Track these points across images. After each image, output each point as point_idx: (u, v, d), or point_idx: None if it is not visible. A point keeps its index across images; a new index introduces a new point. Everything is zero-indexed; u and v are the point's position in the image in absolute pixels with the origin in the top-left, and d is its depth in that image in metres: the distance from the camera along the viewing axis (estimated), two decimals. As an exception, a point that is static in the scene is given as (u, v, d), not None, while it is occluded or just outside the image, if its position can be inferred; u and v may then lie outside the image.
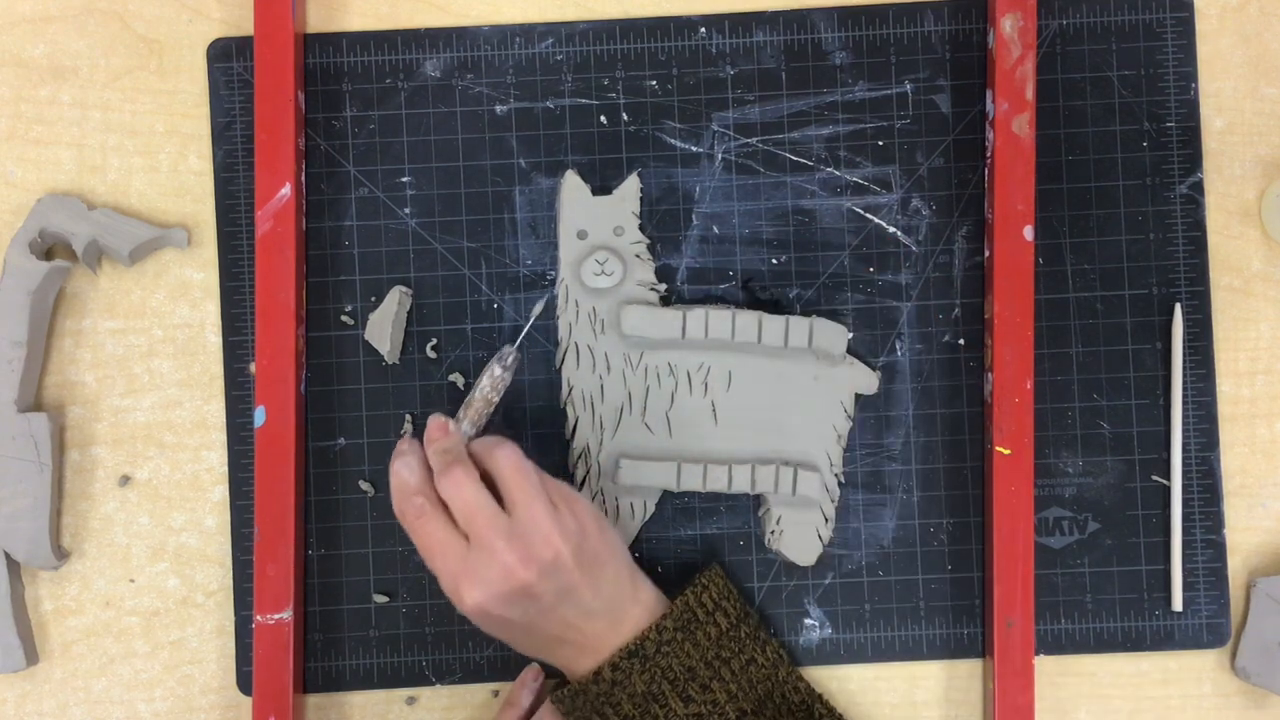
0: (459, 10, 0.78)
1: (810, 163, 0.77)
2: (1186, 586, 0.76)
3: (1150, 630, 0.76)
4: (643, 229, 0.76)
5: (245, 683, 0.75)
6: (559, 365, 0.76)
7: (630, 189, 0.76)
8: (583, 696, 0.68)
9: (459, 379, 0.76)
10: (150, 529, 0.76)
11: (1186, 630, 0.76)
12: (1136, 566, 0.76)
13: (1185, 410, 0.76)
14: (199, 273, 0.77)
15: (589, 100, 0.77)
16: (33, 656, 0.75)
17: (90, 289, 0.77)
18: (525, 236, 0.77)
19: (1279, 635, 0.74)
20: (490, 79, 0.77)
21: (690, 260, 0.77)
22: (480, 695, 0.76)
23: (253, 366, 0.76)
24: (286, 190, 0.74)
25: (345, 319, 0.76)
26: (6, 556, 0.74)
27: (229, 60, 0.77)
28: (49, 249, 0.77)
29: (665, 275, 0.76)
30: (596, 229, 0.76)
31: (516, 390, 0.75)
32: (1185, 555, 0.76)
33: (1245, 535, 0.76)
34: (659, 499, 0.76)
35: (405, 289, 0.76)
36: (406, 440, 0.68)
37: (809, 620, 0.76)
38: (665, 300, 0.76)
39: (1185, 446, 0.76)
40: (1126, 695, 0.76)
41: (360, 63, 0.77)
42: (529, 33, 0.77)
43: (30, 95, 0.77)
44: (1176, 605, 0.75)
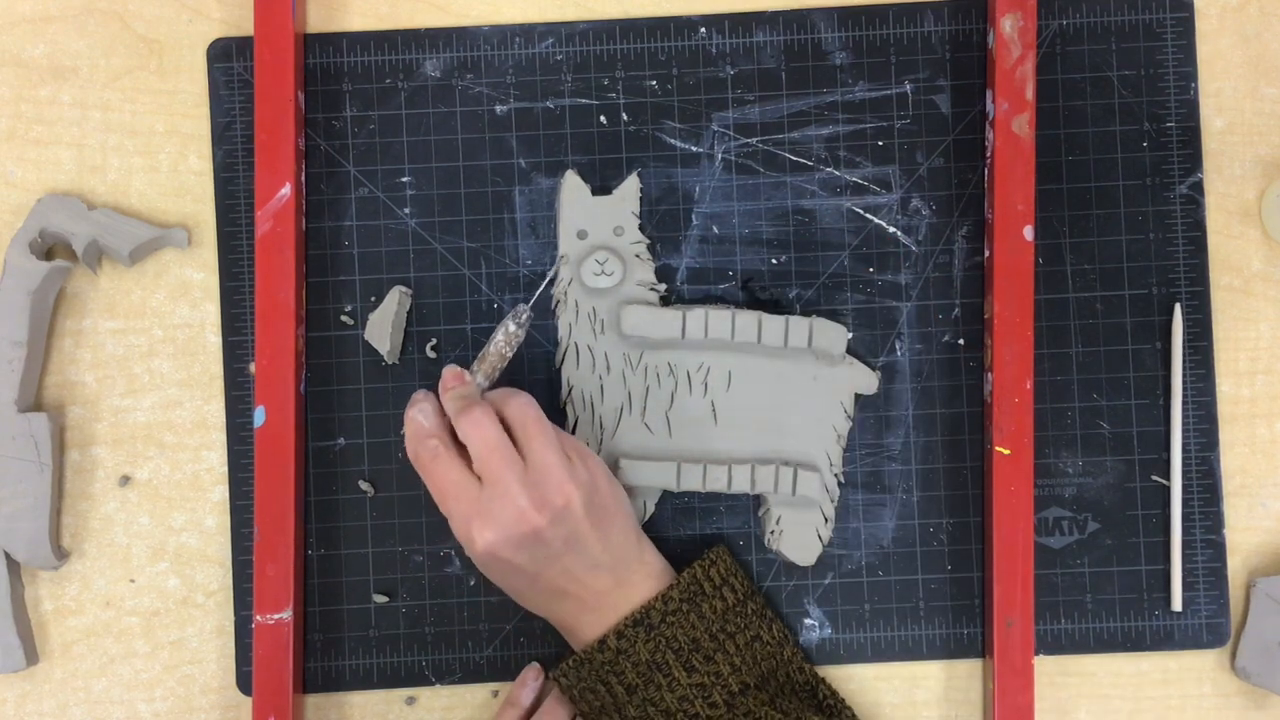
0: (459, 10, 0.78)
1: (810, 163, 0.77)
2: (1186, 586, 0.76)
3: (1150, 630, 0.76)
4: (643, 229, 0.76)
5: (245, 683, 0.75)
6: (559, 365, 0.76)
7: (630, 189, 0.76)
8: (587, 665, 0.69)
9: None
10: (150, 529, 0.76)
11: (1186, 630, 0.76)
12: (1136, 566, 0.76)
13: (1185, 410, 0.76)
14: (199, 273, 0.77)
15: (589, 100, 0.77)
16: (33, 656, 0.75)
17: (90, 289, 0.77)
18: (525, 236, 0.77)
19: (1279, 635, 0.74)
20: (490, 79, 0.77)
21: (690, 260, 0.77)
22: (480, 695, 0.76)
23: (253, 366, 0.76)
24: (286, 190, 0.74)
25: (345, 319, 0.76)
26: (6, 556, 0.74)
27: (229, 60, 0.77)
28: (49, 249, 0.77)
29: (665, 275, 0.76)
30: (596, 229, 0.76)
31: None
32: (1185, 555, 0.76)
33: (1245, 535, 0.76)
34: (659, 499, 0.76)
35: (405, 289, 0.76)
36: (421, 391, 0.69)
37: (809, 620, 0.76)
38: (665, 300, 0.76)
39: (1185, 446, 0.76)
40: (1126, 695, 0.76)
41: (360, 63, 0.77)
42: (529, 33, 0.77)
43: (30, 95, 0.77)
44: (1176, 605, 0.75)
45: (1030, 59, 0.74)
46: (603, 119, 0.77)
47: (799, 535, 0.75)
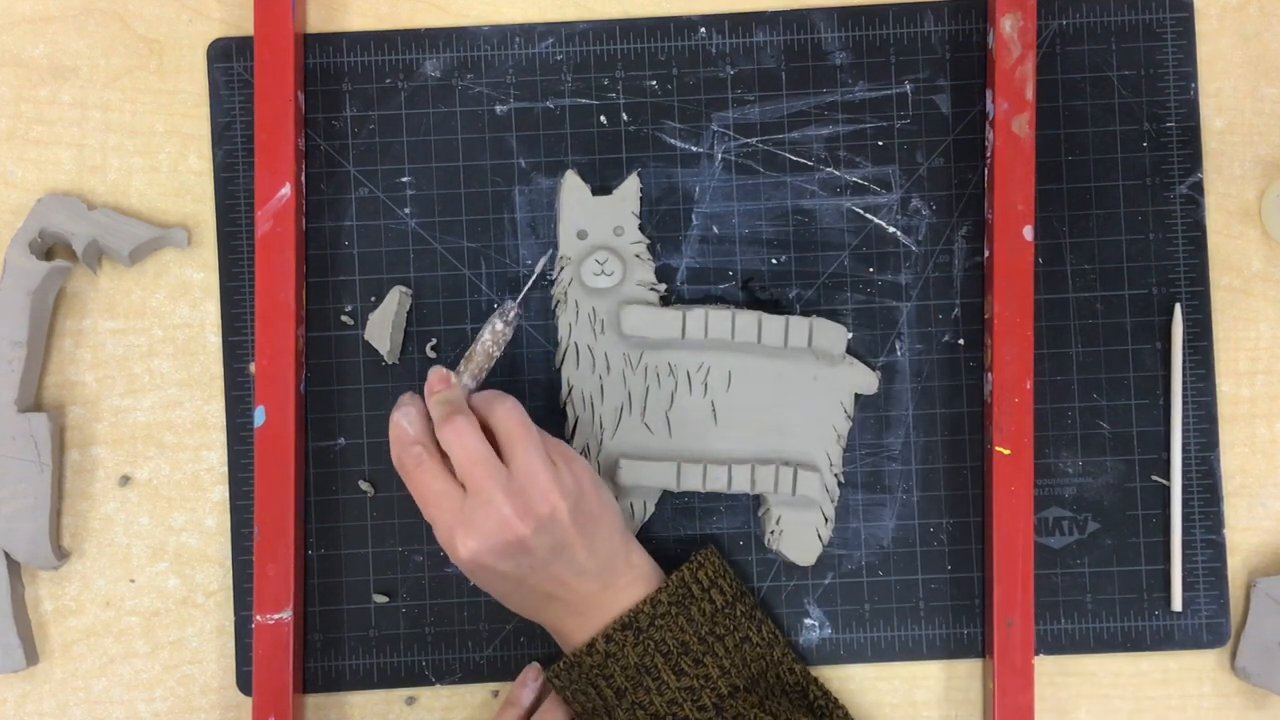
0: (459, 10, 0.78)
1: (810, 163, 0.77)
2: (1186, 586, 0.76)
3: (1150, 630, 0.76)
4: (643, 229, 0.76)
5: (245, 683, 0.75)
6: (559, 365, 0.76)
7: (630, 189, 0.76)
8: (577, 669, 0.69)
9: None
10: (150, 529, 0.76)
11: (1186, 630, 0.76)
12: (1136, 566, 0.76)
13: (1185, 410, 0.76)
14: (199, 273, 0.77)
15: (589, 100, 0.77)
16: (33, 656, 0.75)
17: (90, 289, 0.77)
18: (525, 236, 0.77)
19: (1279, 635, 0.74)
20: (490, 79, 0.77)
21: (690, 260, 0.77)
22: (480, 695, 0.76)
23: (253, 366, 0.76)
24: (286, 190, 0.74)
25: (345, 319, 0.76)
26: (6, 556, 0.74)
27: (229, 60, 0.77)
28: (49, 249, 0.77)
29: (665, 275, 0.76)
30: (596, 229, 0.76)
31: (516, 391, 0.75)
32: (1185, 555, 0.76)
33: (1245, 535, 0.76)
34: (659, 499, 0.76)
35: (405, 289, 0.76)
36: (408, 394, 0.68)
37: (809, 620, 0.76)
38: (665, 300, 0.76)
39: (1185, 446, 0.76)
40: (1126, 695, 0.76)
41: (360, 63, 0.77)
42: (529, 33, 0.77)
43: (30, 95, 0.77)
44: (1176, 605, 0.75)
45: (1030, 59, 0.74)
46: (603, 119, 0.77)
47: (799, 535, 0.75)
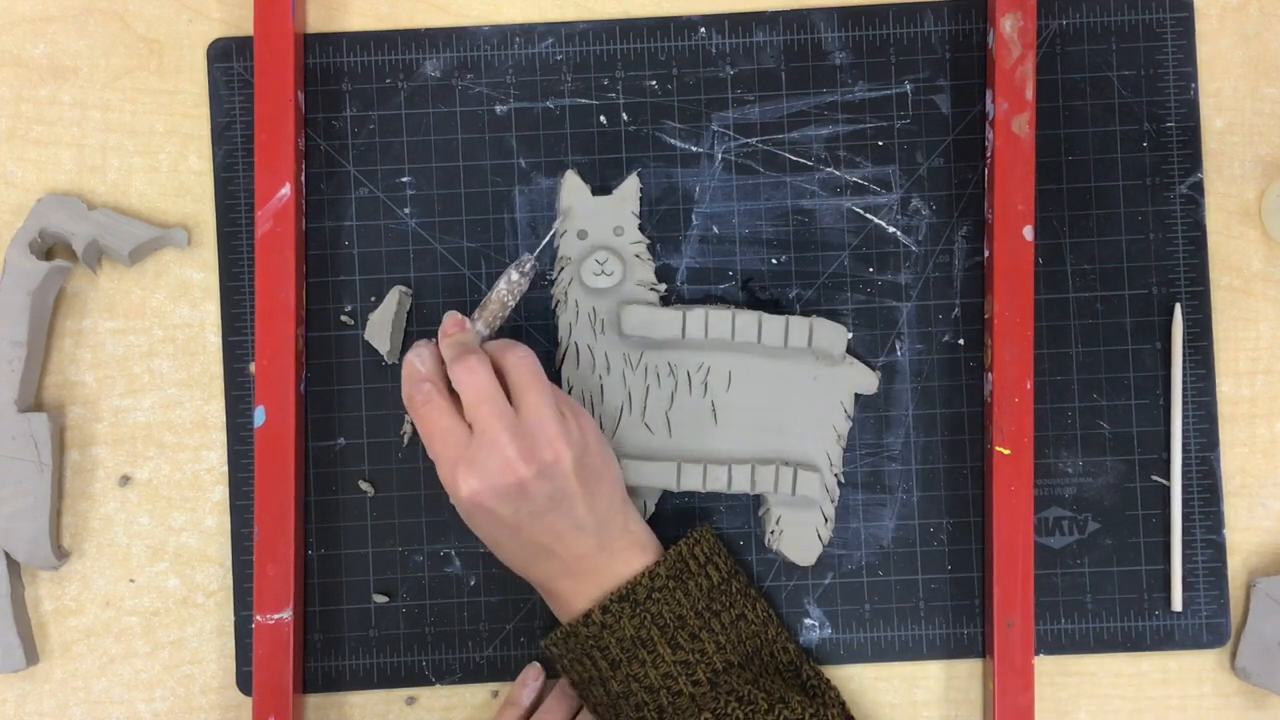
0: (459, 10, 0.78)
1: (810, 163, 0.77)
2: (1186, 586, 0.76)
3: (1150, 630, 0.76)
4: (643, 229, 0.76)
5: (245, 683, 0.75)
6: (559, 365, 0.76)
7: (630, 189, 0.76)
8: (573, 639, 0.69)
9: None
10: (150, 529, 0.76)
11: (1186, 630, 0.76)
12: (1136, 566, 0.76)
13: (1185, 410, 0.76)
14: (199, 273, 0.77)
15: (589, 100, 0.77)
16: (33, 656, 0.75)
17: (90, 289, 0.77)
18: (525, 236, 0.77)
19: (1279, 635, 0.74)
20: (490, 79, 0.77)
21: (690, 260, 0.77)
22: (480, 695, 0.76)
23: (253, 366, 0.76)
24: (286, 190, 0.74)
25: (345, 319, 0.76)
26: (6, 556, 0.74)
27: (229, 60, 0.77)
28: (49, 249, 0.77)
29: (665, 275, 0.76)
30: (596, 229, 0.76)
31: (516, 390, 0.75)
32: (1185, 555, 0.76)
33: (1245, 535, 0.76)
34: (659, 499, 0.76)
35: (405, 289, 0.76)
36: (423, 339, 0.69)
37: (809, 620, 0.76)
38: (665, 300, 0.76)
39: (1185, 446, 0.76)
40: (1126, 695, 0.76)
41: (360, 63, 0.77)
42: (529, 33, 0.77)
43: (30, 95, 0.77)
44: (1176, 605, 0.75)
45: (1030, 59, 0.74)
46: (603, 119, 0.77)
47: (799, 535, 0.75)
